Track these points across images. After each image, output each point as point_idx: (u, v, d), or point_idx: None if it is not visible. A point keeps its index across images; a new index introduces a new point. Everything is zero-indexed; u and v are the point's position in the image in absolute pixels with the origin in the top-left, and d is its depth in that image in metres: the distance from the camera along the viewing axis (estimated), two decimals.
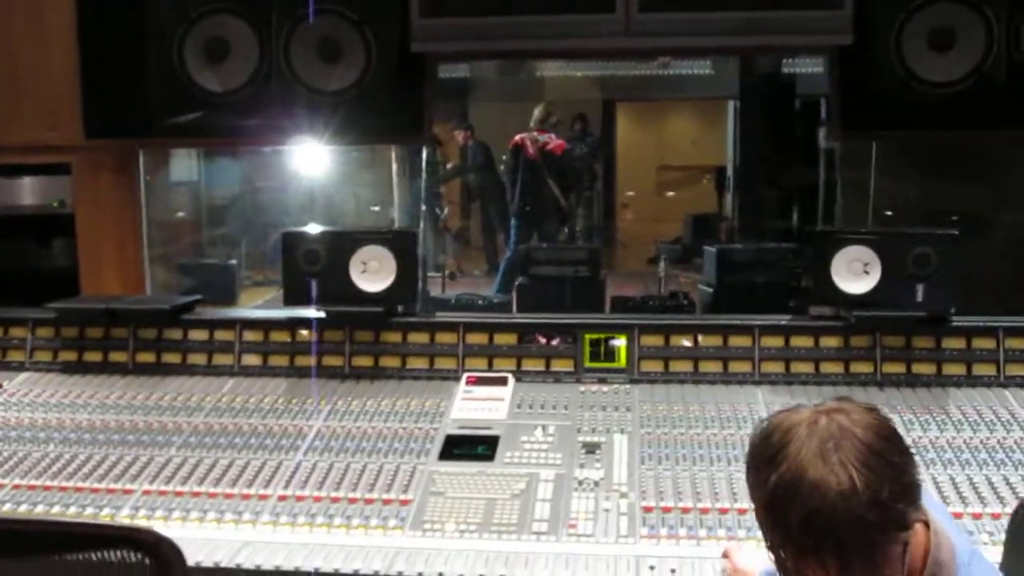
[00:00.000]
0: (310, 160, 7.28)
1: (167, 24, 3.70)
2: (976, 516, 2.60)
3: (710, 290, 7.04)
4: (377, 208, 10.07)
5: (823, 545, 1.66)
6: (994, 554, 2.43)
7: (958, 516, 2.59)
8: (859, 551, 1.66)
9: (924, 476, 2.76)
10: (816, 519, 1.64)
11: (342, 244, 3.45)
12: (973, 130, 3.72)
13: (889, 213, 7.16)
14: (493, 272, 10.50)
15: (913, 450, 2.79)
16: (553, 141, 9.06)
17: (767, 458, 1.73)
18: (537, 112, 9.27)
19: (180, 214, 8.45)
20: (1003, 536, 2.49)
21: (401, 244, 3.45)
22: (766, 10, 3.51)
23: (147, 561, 1.86)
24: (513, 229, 9.29)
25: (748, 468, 1.81)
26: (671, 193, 14.49)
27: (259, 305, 7.33)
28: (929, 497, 1.82)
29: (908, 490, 1.70)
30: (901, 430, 2.87)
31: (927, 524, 1.77)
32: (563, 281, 7.30)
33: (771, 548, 1.77)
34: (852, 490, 1.63)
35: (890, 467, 1.68)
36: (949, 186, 7.19)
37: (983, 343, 3.25)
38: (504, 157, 9.80)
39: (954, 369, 3.24)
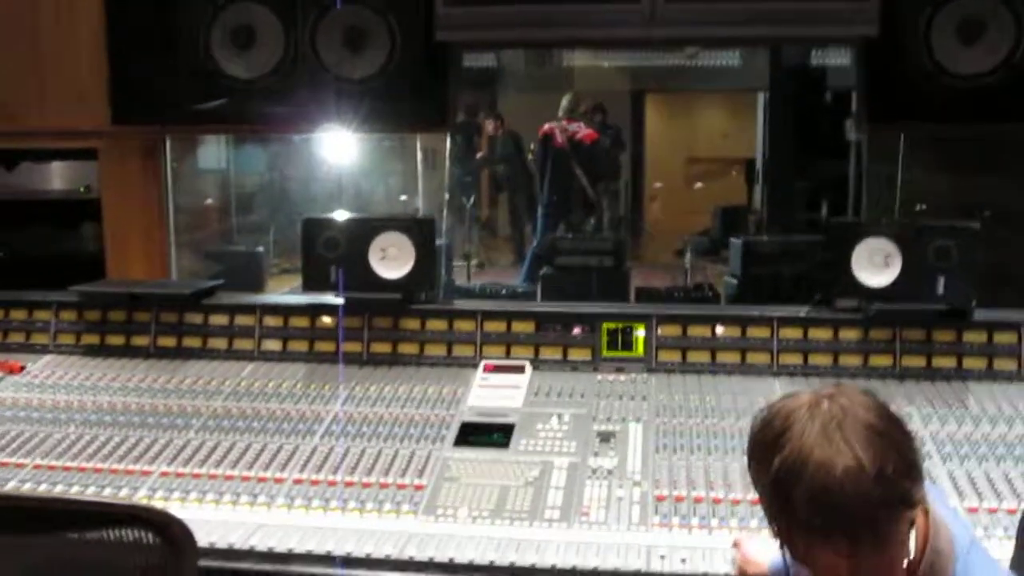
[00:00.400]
0: (339, 148, 7.30)
1: (194, 10, 3.72)
2: (992, 511, 2.58)
3: (735, 282, 7.02)
4: (405, 197, 10.11)
5: (832, 523, 1.66)
6: (1008, 549, 2.42)
7: (973, 511, 2.58)
8: (868, 528, 1.66)
9: (941, 470, 2.75)
10: (824, 497, 1.64)
11: (361, 231, 3.47)
12: (1002, 123, 3.68)
13: (922, 207, 7.11)
14: (520, 262, 10.49)
15: (932, 444, 2.82)
16: (583, 130, 9.00)
17: (770, 444, 1.73)
18: (565, 102, 9.21)
19: (208, 201, 8.51)
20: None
21: (420, 231, 3.47)
22: (792, 0, 3.48)
23: (157, 540, 1.88)
24: (540, 219, 9.25)
25: (750, 458, 1.81)
26: (700, 185, 14.41)
27: (285, 293, 7.37)
28: (930, 486, 1.81)
29: (912, 468, 1.70)
30: (919, 423, 2.91)
31: (927, 512, 1.77)
32: (588, 271, 7.31)
33: (779, 535, 1.77)
34: (858, 467, 1.63)
35: (894, 445, 1.68)
36: (981, 179, 7.12)
37: (1004, 337, 3.22)
38: (532, 147, 9.75)
39: (974, 363, 3.22)
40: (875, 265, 3.25)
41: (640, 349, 3.38)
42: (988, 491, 2.65)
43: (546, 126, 9.17)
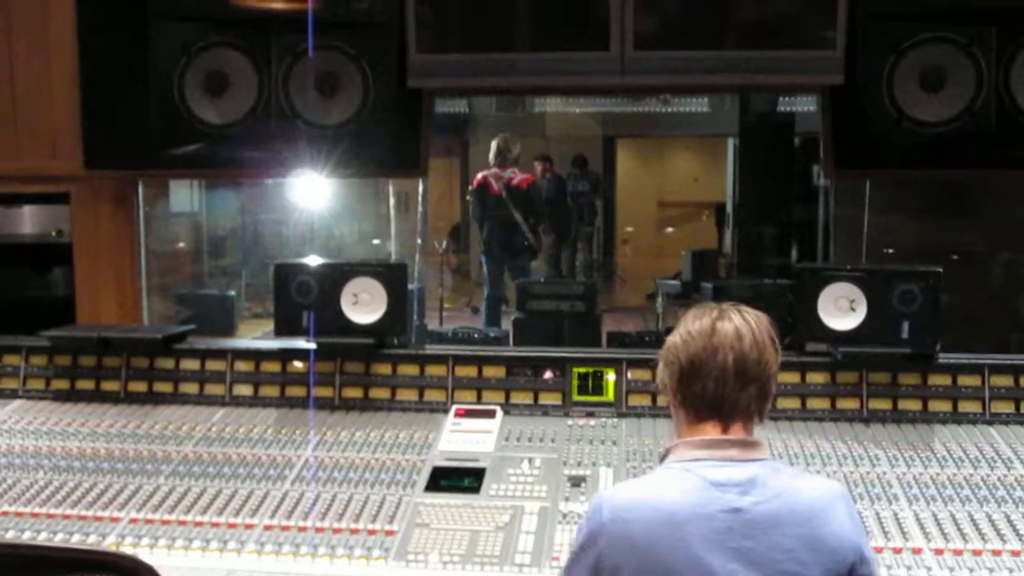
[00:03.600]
0: (311, 192, 7.32)
1: (168, 57, 3.72)
2: (957, 552, 2.61)
3: None
4: (377, 241, 10.13)
5: None
6: None
7: (939, 552, 2.60)
8: None
9: (907, 512, 2.78)
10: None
11: (334, 276, 3.48)
12: (965, 169, 3.76)
13: (890, 251, 7.20)
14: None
15: (898, 486, 2.86)
16: (518, 176, 8.81)
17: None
18: (493, 146, 8.97)
19: (180, 245, 8.50)
20: (984, 572, 2.51)
21: (392, 276, 3.49)
22: (758, 49, 3.54)
23: None
24: (485, 265, 9.14)
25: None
26: (671, 229, 14.54)
27: (257, 337, 7.35)
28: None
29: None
30: (886, 466, 2.94)
31: None
32: (559, 316, 7.34)
33: None
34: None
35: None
36: (947, 224, 7.24)
37: (969, 380, 3.27)
38: (468, 198, 9.56)
39: (940, 406, 3.26)
40: (841, 310, 3.30)
41: (610, 393, 3.40)
42: (954, 533, 2.68)
43: (479, 175, 9.01)
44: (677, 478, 2.06)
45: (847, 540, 1.99)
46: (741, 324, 2.11)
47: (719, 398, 2.08)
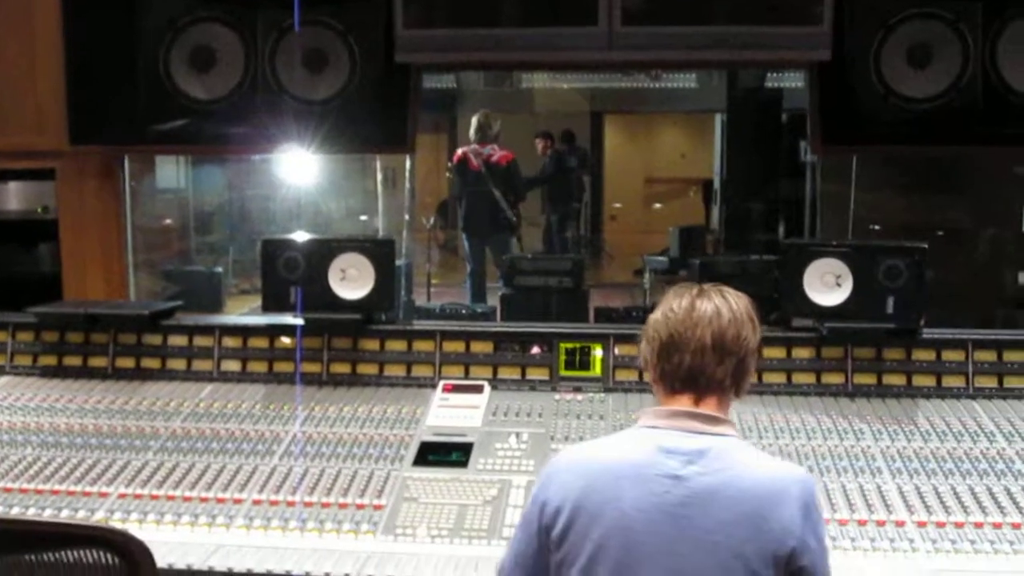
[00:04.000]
0: (298, 168, 7.31)
1: (154, 32, 3.72)
2: (939, 524, 2.63)
3: None
4: (365, 217, 10.11)
5: None
6: (954, 561, 2.49)
7: (922, 525, 2.63)
8: None
9: (891, 485, 2.80)
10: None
11: (321, 251, 3.48)
12: (951, 145, 3.77)
13: (876, 227, 7.23)
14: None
15: (882, 460, 2.89)
16: (497, 152, 8.79)
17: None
18: (474, 122, 8.89)
19: (167, 221, 8.48)
20: (966, 544, 2.54)
21: (380, 252, 3.49)
22: (746, 25, 3.54)
23: (116, 561, 1.89)
24: (466, 241, 9.13)
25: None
26: (658, 205, 14.54)
27: (244, 313, 7.35)
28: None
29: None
30: (870, 439, 2.97)
31: None
32: (547, 292, 7.34)
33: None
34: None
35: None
36: (934, 200, 7.26)
37: (952, 355, 3.29)
38: (448, 174, 9.53)
39: (924, 380, 3.28)
40: (827, 285, 3.31)
41: (598, 369, 3.42)
42: (937, 506, 2.71)
43: (459, 151, 8.97)
44: (629, 439, 2.14)
45: (792, 528, 1.97)
46: (721, 303, 2.15)
47: (695, 372, 2.11)
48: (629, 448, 2.10)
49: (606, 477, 2.05)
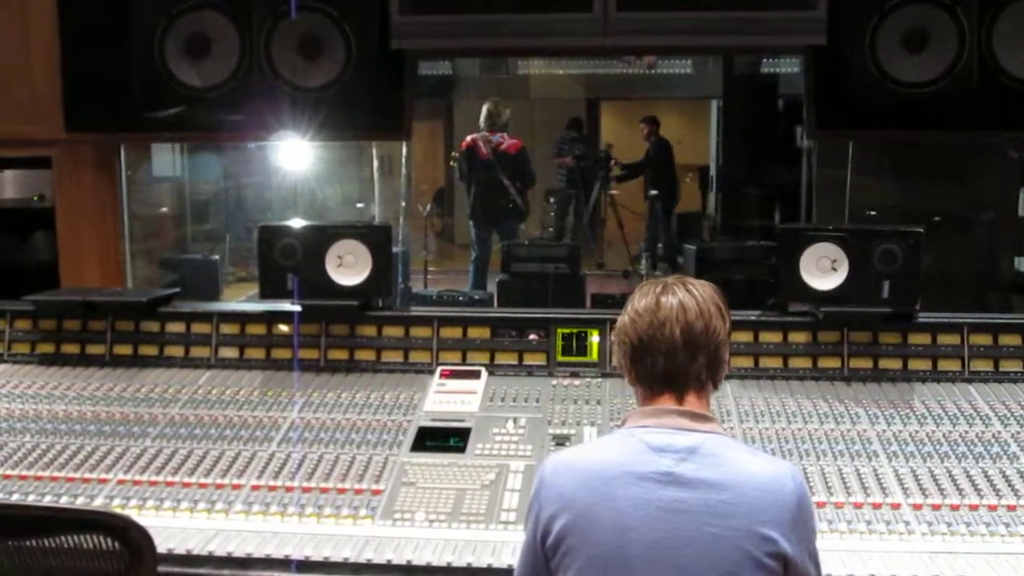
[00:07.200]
0: (295, 156, 7.31)
1: (148, 19, 3.71)
2: (935, 507, 2.65)
3: None
4: (361, 205, 10.11)
5: None
6: (952, 544, 2.50)
7: (918, 507, 2.65)
8: None
9: (887, 468, 2.82)
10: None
11: (318, 238, 3.49)
12: (946, 130, 3.76)
13: (872, 212, 7.23)
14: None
15: (879, 443, 2.90)
16: (507, 140, 8.81)
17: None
18: (484, 111, 8.92)
19: (163, 209, 8.47)
20: (961, 527, 2.56)
21: (376, 238, 3.49)
22: (741, 10, 3.54)
23: (116, 545, 1.90)
24: (472, 229, 9.15)
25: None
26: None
27: (242, 300, 7.35)
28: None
29: None
30: (866, 423, 2.99)
31: None
32: (544, 278, 7.35)
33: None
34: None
35: None
36: (930, 185, 7.26)
37: (948, 339, 3.31)
38: (454, 162, 9.52)
39: (920, 364, 3.30)
40: (823, 270, 3.32)
41: (594, 354, 3.43)
42: (932, 489, 2.73)
43: (468, 138, 8.99)
44: (618, 441, 2.13)
45: (787, 520, 1.98)
46: (685, 297, 2.14)
47: (670, 371, 2.12)
48: (619, 450, 2.09)
49: (598, 479, 2.04)
